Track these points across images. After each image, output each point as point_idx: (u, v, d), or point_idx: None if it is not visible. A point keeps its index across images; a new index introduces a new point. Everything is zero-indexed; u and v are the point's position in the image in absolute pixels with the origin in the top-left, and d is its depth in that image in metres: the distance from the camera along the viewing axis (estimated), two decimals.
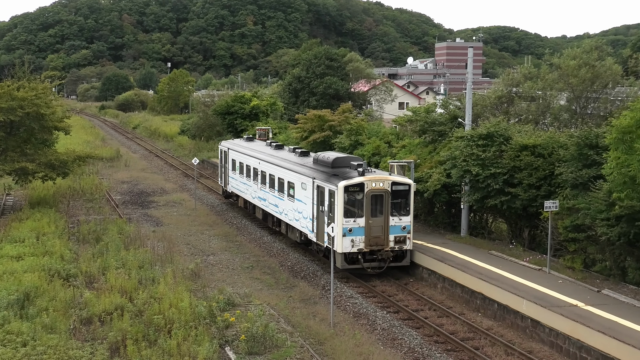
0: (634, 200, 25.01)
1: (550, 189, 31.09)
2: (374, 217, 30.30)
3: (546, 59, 52.56)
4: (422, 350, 23.34)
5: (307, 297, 28.87)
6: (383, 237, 30.44)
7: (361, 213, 30.15)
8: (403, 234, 30.61)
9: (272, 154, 40.96)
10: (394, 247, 30.55)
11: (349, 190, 29.97)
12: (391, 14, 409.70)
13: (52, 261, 29.60)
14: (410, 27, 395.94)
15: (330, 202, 30.53)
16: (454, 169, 34.76)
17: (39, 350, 19.05)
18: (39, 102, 42.03)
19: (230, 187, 47.25)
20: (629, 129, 24.62)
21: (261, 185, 40.11)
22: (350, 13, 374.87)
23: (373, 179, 30.48)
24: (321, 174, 32.31)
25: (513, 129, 35.75)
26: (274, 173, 38.06)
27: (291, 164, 36.44)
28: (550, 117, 45.76)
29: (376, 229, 30.32)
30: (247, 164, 43.05)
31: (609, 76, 44.11)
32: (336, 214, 29.91)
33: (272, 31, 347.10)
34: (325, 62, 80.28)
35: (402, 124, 52.86)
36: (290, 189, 35.41)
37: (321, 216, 31.44)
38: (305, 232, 33.49)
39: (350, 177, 30.51)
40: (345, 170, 31.72)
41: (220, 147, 50.75)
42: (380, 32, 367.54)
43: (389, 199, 30.41)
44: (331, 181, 30.77)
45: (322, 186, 31.37)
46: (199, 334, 21.99)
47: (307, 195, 32.89)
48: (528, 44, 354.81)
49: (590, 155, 29.02)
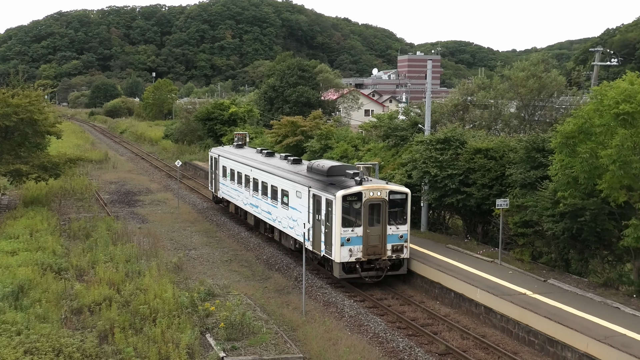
0: (576, 199, 25.31)
1: (502, 188, 31.31)
2: (372, 226, 27.89)
3: (498, 70, 53.05)
4: (386, 335, 23.42)
5: (281, 287, 28.84)
6: (381, 246, 28.07)
7: (359, 222, 27.72)
8: (400, 243, 28.33)
9: (264, 161, 38.35)
10: (391, 255, 28.20)
11: (347, 200, 27.57)
12: (358, 29, 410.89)
13: (45, 256, 29.29)
14: (375, 41, 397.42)
15: (327, 212, 28.12)
16: (414, 170, 34.89)
17: (32, 338, 18.83)
18: (33, 109, 41.70)
19: (221, 193, 44.52)
20: (572, 134, 24.88)
21: (253, 193, 37.57)
22: (320, 28, 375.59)
23: (371, 188, 28.02)
24: (317, 183, 29.84)
25: (468, 134, 35.99)
26: (266, 180, 35.50)
27: (284, 172, 33.98)
28: (502, 124, 46.11)
29: (374, 238, 27.89)
30: (239, 171, 40.28)
31: (554, 86, 44.56)
32: (334, 223, 27.58)
33: (249, 44, 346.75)
34: (298, 72, 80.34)
35: (367, 130, 53.05)
36: (284, 197, 32.84)
37: (317, 225, 29.07)
38: (301, 240, 30.52)
39: (347, 186, 28.12)
40: (342, 179, 29.44)
41: (210, 154, 47.55)
42: (348, 46, 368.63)
43: (386, 208, 28.00)
44: (328, 190, 28.35)
45: (318, 195, 28.91)
46: (182, 322, 21.87)
47: (303, 203, 30.42)
48: (481, 57, 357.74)
49: (537, 158, 29.32)
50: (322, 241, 28.65)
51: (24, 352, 17.88)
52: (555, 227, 26.29)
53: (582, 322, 21.37)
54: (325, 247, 28.40)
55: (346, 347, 21.64)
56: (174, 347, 19.65)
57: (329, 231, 27.96)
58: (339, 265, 27.70)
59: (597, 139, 24.07)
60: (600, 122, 23.85)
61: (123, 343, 20.05)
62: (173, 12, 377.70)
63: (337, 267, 27.82)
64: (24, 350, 17.98)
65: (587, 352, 20.00)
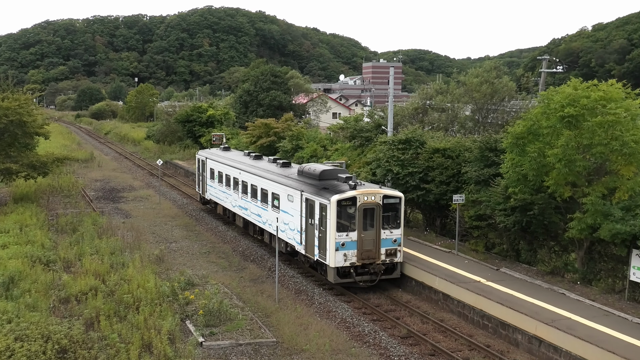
0: (526, 194, 25.58)
1: (458, 185, 31.52)
2: (366, 231, 25.77)
3: (454, 76, 53.37)
4: (352, 320, 23.47)
5: (255, 277, 28.75)
6: (375, 251, 25.91)
7: (353, 227, 25.58)
8: (394, 247, 26.27)
9: (252, 164, 35.90)
10: (385, 260, 26.12)
11: (342, 204, 25.39)
12: (326, 38, 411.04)
13: (34, 249, 28.90)
14: (341, 49, 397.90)
15: (321, 216, 25.92)
16: (378, 168, 34.99)
17: (22, 326, 18.56)
18: (22, 111, 41.16)
19: (209, 195, 41.98)
20: (521, 135, 25.12)
21: (242, 195, 35.19)
22: (291, 37, 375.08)
23: (365, 192, 25.78)
24: (309, 187, 27.64)
25: (427, 135, 36.17)
26: (256, 183, 33.22)
27: (275, 175, 31.65)
28: (458, 125, 46.44)
29: (368, 242, 25.79)
30: (227, 173, 37.80)
31: (505, 91, 44.96)
32: (328, 228, 25.37)
33: (225, 52, 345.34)
34: (271, 78, 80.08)
35: (335, 131, 53.13)
36: (274, 200, 30.61)
37: (310, 229, 26.93)
38: (292, 243, 28.86)
39: (341, 190, 25.94)
40: (334, 184, 27.30)
41: (197, 156, 44.76)
42: (317, 54, 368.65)
43: (380, 212, 25.86)
44: (322, 195, 26.14)
45: (311, 199, 26.72)
46: (163, 310, 21.73)
47: (294, 207, 28.24)
48: (439, 64, 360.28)
49: (490, 157, 29.57)
50: (315, 245, 26.54)
51: (15, 339, 17.63)
52: (506, 220, 26.55)
53: (531, 306, 21.61)
54: (319, 252, 26.26)
55: (316, 331, 21.67)
56: (156, 333, 19.52)
57: (323, 236, 25.84)
58: (333, 270, 25.60)
59: (544, 139, 24.33)
60: (547, 124, 24.11)
61: (108, 330, 19.88)
62: (154, 22, 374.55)
63: (331, 272, 25.73)
64: (15, 337, 17.73)
65: (535, 334, 20.24)
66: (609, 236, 22.26)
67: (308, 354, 20.01)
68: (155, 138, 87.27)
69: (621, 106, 23.08)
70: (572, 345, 18.90)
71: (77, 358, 17.38)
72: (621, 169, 23.25)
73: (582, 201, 23.58)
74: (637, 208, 22.40)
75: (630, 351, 17.83)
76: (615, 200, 23.11)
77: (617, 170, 23.43)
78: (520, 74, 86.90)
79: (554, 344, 19.50)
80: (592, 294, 23.31)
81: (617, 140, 22.67)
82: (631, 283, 22.77)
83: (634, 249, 22.14)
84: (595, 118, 22.98)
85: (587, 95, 23.46)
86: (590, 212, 22.96)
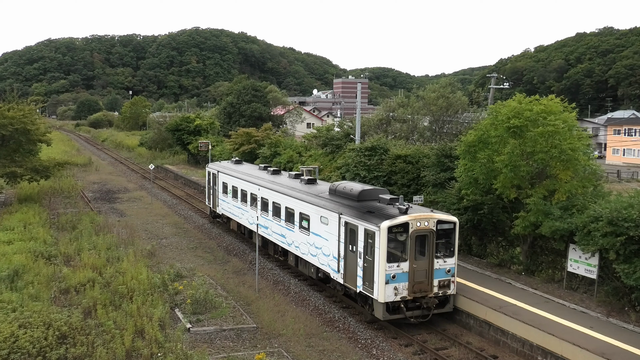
0: (477, 196, 25.75)
1: (418, 187, 31.63)
2: (418, 261, 20.76)
3: (414, 91, 53.80)
4: (324, 308, 23.41)
5: (238, 269, 28.58)
6: (427, 282, 20.90)
7: (405, 257, 20.50)
8: (447, 278, 21.16)
9: (272, 180, 30.50)
10: (437, 292, 21.05)
11: (393, 231, 20.28)
12: (301, 56, 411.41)
13: (37, 245, 28.43)
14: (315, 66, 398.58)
15: (367, 244, 20.73)
16: (347, 172, 35.04)
17: (26, 314, 18.25)
18: (26, 120, 40.68)
19: (221, 210, 36.32)
20: (473, 143, 25.25)
21: (262, 212, 29.70)
22: (270, 55, 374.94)
23: (418, 217, 20.69)
24: (348, 209, 22.39)
25: (390, 143, 36.33)
26: (279, 201, 27.82)
27: (301, 194, 26.36)
28: (417, 135, 46.76)
29: (420, 273, 20.83)
30: (243, 188, 32.37)
31: (459, 105, 45.43)
32: (377, 258, 20.21)
33: (210, 68, 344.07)
34: (252, 92, 79.84)
35: (309, 139, 53.14)
36: (302, 221, 25.39)
37: (352, 257, 21.69)
38: (326, 270, 23.57)
39: (390, 215, 20.76)
40: (378, 206, 22.00)
41: (207, 169, 38.89)
42: (293, 70, 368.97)
43: (433, 240, 20.85)
44: (367, 219, 20.96)
45: (353, 224, 21.46)
46: (155, 299, 21.52)
47: (330, 230, 23.06)
48: (401, 81, 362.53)
49: (446, 162, 29.75)
50: (358, 276, 21.26)
51: (19, 326, 17.32)
52: (460, 218, 26.66)
53: (481, 295, 21.74)
54: (364, 283, 20.96)
55: (292, 317, 21.62)
56: (147, 320, 19.30)
57: (370, 266, 20.60)
58: (382, 305, 20.42)
59: (493, 147, 24.49)
60: (495, 133, 24.28)
61: (104, 317, 19.63)
62: (147, 41, 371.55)
63: (379, 307, 20.53)
64: (19, 324, 17.42)
65: (485, 319, 20.37)
66: (549, 232, 22.52)
67: (285, 337, 19.95)
68: (148, 145, 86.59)
69: (559, 118, 23.38)
70: (517, 328, 19.08)
71: (76, 343, 17.11)
72: (559, 174, 23.55)
73: (525, 202, 23.82)
74: (574, 208, 22.71)
75: (567, 333, 18.05)
76: (554, 201, 23.39)
77: (556, 174, 23.72)
78: (472, 90, 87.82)
79: (501, 327, 19.65)
80: (534, 284, 23.55)
81: (556, 148, 22.96)
82: (568, 274, 23.06)
83: (571, 243, 22.43)
84: (537, 129, 23.24)
85: (530, 109, 23.71)
86: (533, 211, 23.20)
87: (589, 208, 21.89)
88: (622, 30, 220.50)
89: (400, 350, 19.50)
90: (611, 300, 21.06)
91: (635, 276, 19.43)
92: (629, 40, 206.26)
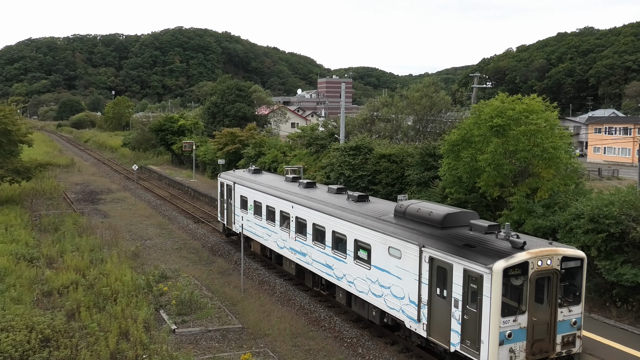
0: (461, 194, 25.95)
1: (402, 186, 31.78)
2: (538, 312, 15.44)
3: (398, 91, 54.02)
4: (310, 307, 23.43)
5: (223, 270, 28.49)
6: (549, 340, 15.61)
7: (523, 308, 15.19)
8: (572, 332, 15.93)
9: (307, 195, 25.04)
10: (561, 352, 15.80)
11: (508, 274, 14.92)
12: (285, 56, 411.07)
13: (19, 247, 28.12)
14: (299, 66, 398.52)
15: (467, 290, 15.45)
16: (332, 172, 35.10)
17: (8, 318, 18.00)
18: (7, 121, 40.24)
19: (237, 227, 30.56)
20: (456, 142, 25.45)
21: (296, 235, 24.43)
22: (254, 55, 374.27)
23: (540, 254, 15.28)
24: (432, 241, 17.01)
25: (374, 143, 36.47)
26: (322, 223, 22.40)
27: (355, 215, 20.86)
28: (401, 134, 46.94)
29: (540, 328, 15.46)
30: (269, 204, 26.93)
31: (442, 104, 45.65)
32: (485, 309, 14.90)
33: (194, 68, 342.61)
34: (236, 92, 79.62)
35: (293, 139, 53.13)
36: (360, 250, 20.14)
37: (441, 305, 16.39)
38: (398, 316, 18.26)
39: (500, 251, 15.35)
40: (473, 236, 16.70)
41: (220, 180, 33.50)
42: (277, 70, 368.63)
43: (557, 283, 15.58)
44: (468, 256, 15.54)
45: (444, 261, 16.15)
46: (139, 301, 21.38)
47: (404, 267, 17.77)
48: (385, 80, 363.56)
49: (430, 161, 29.93)
50: (453, 330, 15.98)
51: (1, 329, 17.09)
52: None
53: None
54: (462, 342, 15.68)
55: (277, 317, 21.60)
56: (132, 322, 19.18)
57: (474, 320, 15.31)
58: None
59: (476, 146, 24.70)
60: (478, 132, 24.49)
61: (88, 320, 19.47)
62: (129, 40, 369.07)
63: None
64: (1, 328, 17.18)
65: None
66: (532, 230, 22.72)
67: (271, 337, 19.93)
68: (131, 145, 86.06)
69: (541, 117, 23.62)
70: None
71: (59, 346, 16.94)
72: (542, 172, 23.79)
73: (509, 200, 24.03)
74: (556, 205, 22.94)
75: None
76: (537, 198, 23.62)
77: (538, 172, 23.96)
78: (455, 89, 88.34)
79: None
80: None
81: (538, 146, 23.20)
82: None
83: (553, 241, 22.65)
84: (519, 127, 23.46)
85: (513, 108, 23.93)
86: (516, 209, 23.41)
87: (570, 206, 22.13)
88: (602, 31, 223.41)
89: (386, 348, 19.56)
90: (593, 296, 21.30)
91: (616, 272, 19.69)
92: (609, 40, 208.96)
